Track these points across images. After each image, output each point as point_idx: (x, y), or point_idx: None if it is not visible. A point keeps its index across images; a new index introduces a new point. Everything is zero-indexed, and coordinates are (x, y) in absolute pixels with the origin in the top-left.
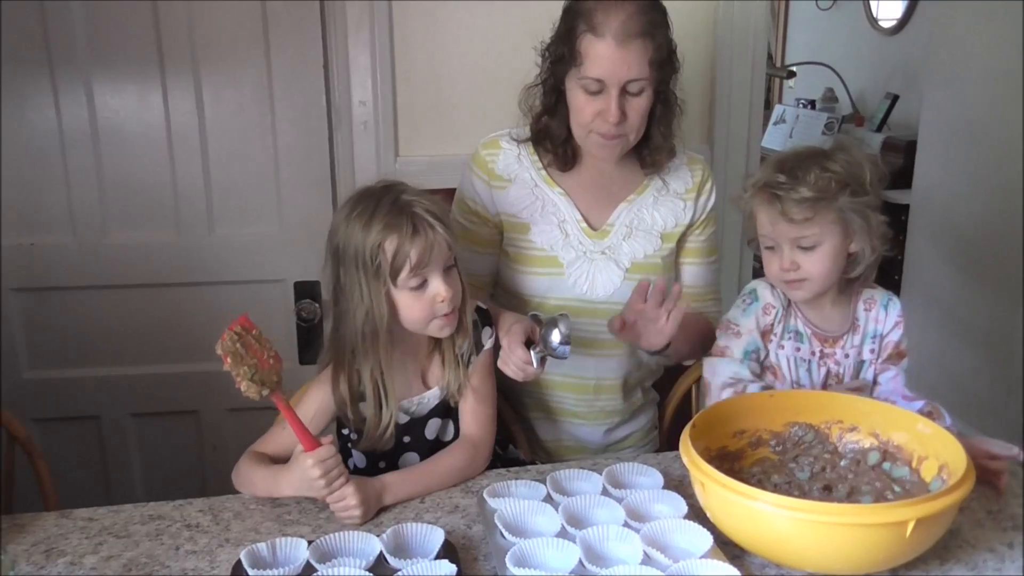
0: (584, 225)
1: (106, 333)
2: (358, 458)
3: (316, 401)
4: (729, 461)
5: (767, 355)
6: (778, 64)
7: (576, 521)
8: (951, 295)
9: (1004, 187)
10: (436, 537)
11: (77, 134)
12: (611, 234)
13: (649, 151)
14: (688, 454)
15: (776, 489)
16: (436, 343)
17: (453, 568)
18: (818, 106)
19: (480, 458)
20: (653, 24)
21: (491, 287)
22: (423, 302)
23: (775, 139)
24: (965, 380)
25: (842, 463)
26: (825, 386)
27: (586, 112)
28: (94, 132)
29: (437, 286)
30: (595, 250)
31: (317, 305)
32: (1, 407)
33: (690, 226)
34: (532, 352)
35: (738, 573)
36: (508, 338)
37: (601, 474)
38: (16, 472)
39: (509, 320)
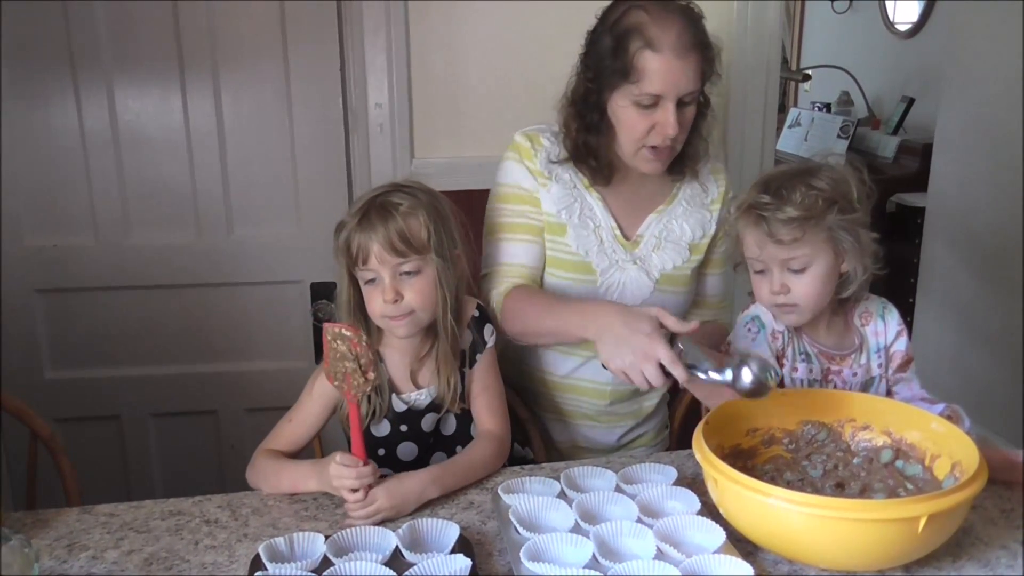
0: (618, 233)
1: (127, 333)
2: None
3: (320, 388)
4: (742, 459)
5: (781, 379)
6: (793, 67)
7: (590, 517)
8: (967, 298)
9: (1020, 190)
10: (451, 532)
11: (98, 136)
12: (641, 244)
13: (688, 158)
14: (701, 451)
15: (789, 486)
16: (430, 348)
17: (468, 562)
18: (833, 109)
19: (504, 450)
20: (704, 34)
21: (539, 277)
22: (376, 298)
23: (790, 142)
24: (980, 383)
25: (855, 461)
26: None
27: (639, 127)
28: (115, 134)
29: (384, 288)
30: (627, 259)
31: (333, 306)
32: (5, 405)
33: (714, 237)
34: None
35: (751, 569)
36: (668, 355)
37: (614, 471)
38: (40, 470)
39: (641, 324)
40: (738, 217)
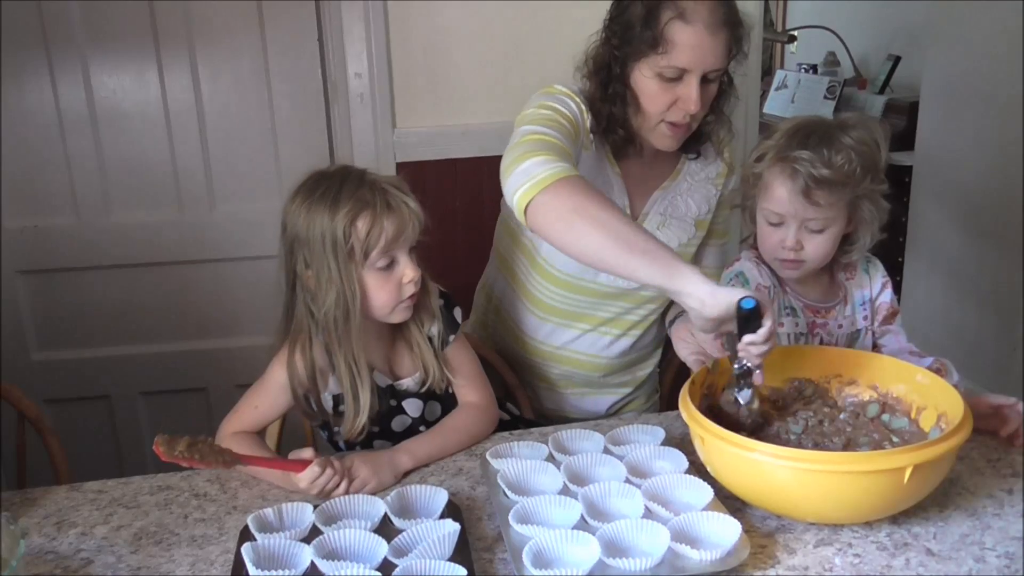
0: (628, 212)
1: (113, 313)
2: None
3: (279, 382)
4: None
5: None
6: (779, 29)
7: (578, 479)
8: (955, 254)
9: (1007, 146)
10: (440, 498)
11: (76, 116)
12: (646, 222)
13: (704, 136)
14: (687, 409)
15: (775, 442)
16: (397, 333)
17: (457, 527)
18: (820, 70)
19: (488, 417)
20: (735, 12)
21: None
22: (391, 284)
23: (777, 105)
24: (969, 338)
25: (841, 416)
26: None
27: (661, 100)
28: (92, 113)
29: (405, 265)
30: None
31: None
32: (3, 385)
33: (717, 209)
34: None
35: (739, 525)
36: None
37: (602, 433)
38: (30, 452)
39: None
40: (771, 165)
